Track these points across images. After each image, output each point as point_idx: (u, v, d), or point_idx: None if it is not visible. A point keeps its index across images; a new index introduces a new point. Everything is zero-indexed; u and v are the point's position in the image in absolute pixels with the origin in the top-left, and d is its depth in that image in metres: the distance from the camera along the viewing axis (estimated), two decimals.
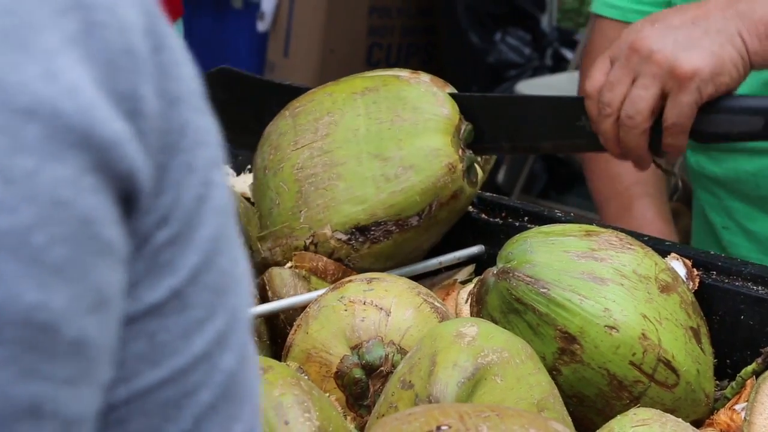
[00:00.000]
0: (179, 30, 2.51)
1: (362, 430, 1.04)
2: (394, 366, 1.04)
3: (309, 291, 1.21)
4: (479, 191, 1.33)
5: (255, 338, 1.18)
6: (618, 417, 0.98)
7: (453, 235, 1.32)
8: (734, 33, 1.18)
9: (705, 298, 1.16)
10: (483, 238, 1.35)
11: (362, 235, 1.24)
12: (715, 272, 1.22)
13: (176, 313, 0.50)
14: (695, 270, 1.20)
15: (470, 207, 1.35)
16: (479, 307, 1.10)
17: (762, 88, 1.43)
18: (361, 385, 1.05)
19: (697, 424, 1.08)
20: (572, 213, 1.39)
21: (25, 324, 0.43)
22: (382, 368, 1.05)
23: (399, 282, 1.11)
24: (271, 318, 1.21)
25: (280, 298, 1.20)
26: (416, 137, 1.24)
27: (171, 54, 0.50)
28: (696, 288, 1.18)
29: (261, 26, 5.28)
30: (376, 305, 1.07)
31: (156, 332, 0.50)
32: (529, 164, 3.93)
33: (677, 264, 1.20)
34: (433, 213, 1.24)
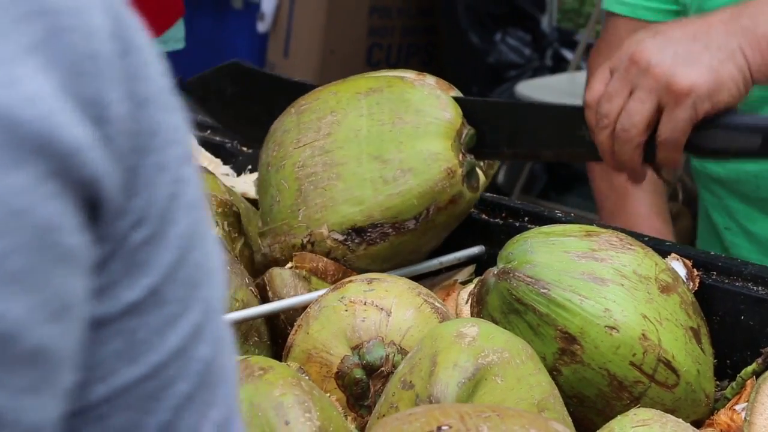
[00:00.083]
0: (180, 30, 2.50)
1: (363, 431, 1.04)
2: (395, 366, 1.04)
3: (309, 291, 1.21)
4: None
5: (256, 338, 1.18)
6: (618, 417, 0.98)
7: (453, 236, 1.32)
8: (736, 49, 1.16)
9: (705, 299, 1.17)
10: (483, 239, 1.35)
11: (359, 236, 1.24)
12: (716, 273, 1.22)
13: (153, 311, 0.51)
14: (695, 270, 1.20)
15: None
16: (480, 308, 1.10)
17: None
18: (362, 386, 1.05)
19: (698, 425, 1.08)
20: (572, 213, 1.39)
21: None
22: (383, 368, 1.05)
23: (399, 282, 1.11)
24: (272, 318, 1.21)
25: (281, 299, 1.20)
26: (417, 140, 1.23)
27: (139, 55, 0.50)
28: (696, 288, 1.18)
29: (261, 27, 5.28)
30: (377, 305, 1.07)
31: (134, 330, 0.50)
32: (529, 165, 3.94)
33: (677, 264, 1.20)
34: (431, 217, 1.24)
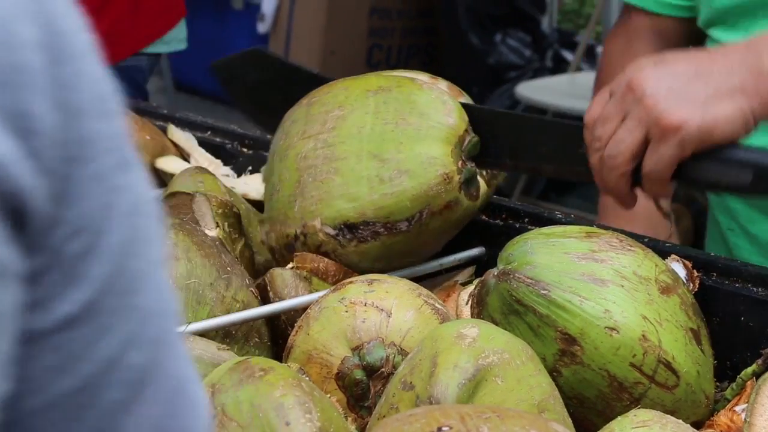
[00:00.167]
0: (182, 31, 2.50)
1: (363, 431, 1.04)
2: (395, 367, 1.04)
3: (310, 292, 1.22)
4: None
5: (256, 339, 1.18)
6: (618, 418, 0.98)
7: (454, 237, 1.32)
8: (737, 87, 1.13)
9: (705, 300, 1.17)
10: (483, 240, 1.35)
11: (350, 233, 1.24)
12: (716, 274, 1.22)
13: (87, 323, 0.51)
14: (695, 271, 1.20)
15: None
16: (480, 309, 1.10)
17: None
18: (362, 387, 1.06)
19: (698, 426, 1.08)
20: (572, 214, 1.39)
21: None
22: (383, 369, 1.05)
23: (400, 283, 1.12)
24: (273, 319, 1.21)
25: (282, 299, 1.20)
26: (417, 143, 1.24)
27: (73, 64, 0.50)
28: (696, 289, 1.18)
29: (261, 27, 5.28)
30: (377, 306, 1.08)
31: (68, 343, 0.50)
32: None
33: (677, 265, 1.20)
34: (424, 221, 1.24)
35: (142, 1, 2.38)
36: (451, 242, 1.32)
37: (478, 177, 1.28)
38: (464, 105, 1.28)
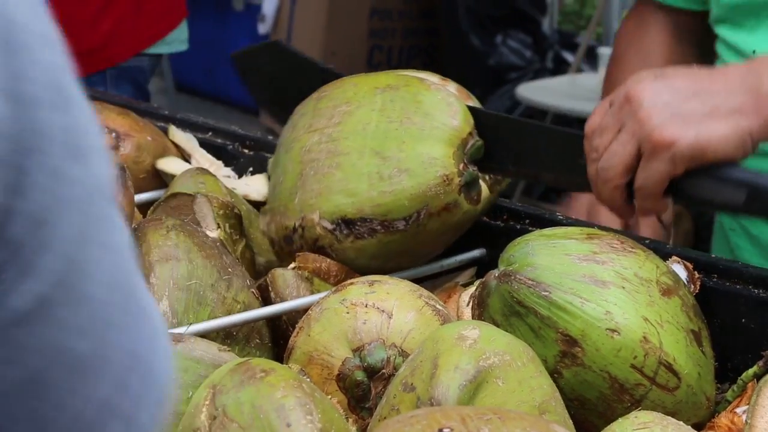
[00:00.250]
0: (184, 32, 2.51)
1: None
2: (396, 368, 1.04)
3: (311, 292, 1.22)
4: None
5: (257, 340, 1.18)
6: (619, 420, 0.98)
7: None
8: (735, 108, 1.11)
9: (706, 301, 1.17)
10: (484, 241, 1.35)
11: (347, 228, 1.24)
12: (717, 275, 1.22)
13: (39, 315, 0.51)
14: (696, 273, 1.20)
15: None
16: (481, 310, 1.10)
17: None
18: (363, 388, 1.06)
19: (699, 428, 1.08)
20: (573, 216, 1.39)
21: None
22: (384, 371, 1.05)
23: (401, 285, 1.12)
24: (274, 320, 1.21)
25: (283, 299, 1.21)
26: (419, 142, 1.24)
27: (26, 55, 0.49)
28: (697, 291, 1.18)
29: (262, 28, 5.28)
30: (378, 308, 1.08)
31: (18, 336, 0.50)
32: None
33: (678, 267, 1.20)
34: (422, 221, 1.24)
35: (145, 2, 2.38)
36: (452, 243, 1.32)
37: (481, 181, 1.27)
38: (471, 108, 1.28)
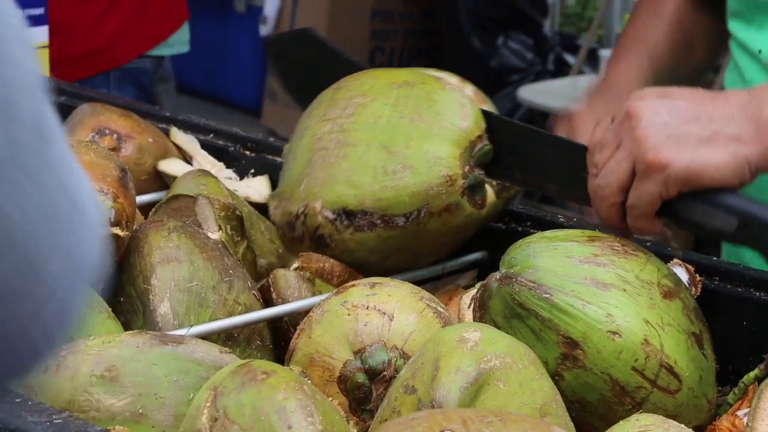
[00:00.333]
0: (186, 34, 2.51)
1: None
2: (397, 371, 1.04)
3: (313, 294, 1.22)
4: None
5: (258, 342, 1.19)
6: (620, 423, 0.98)
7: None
8: (735, 135, 1.09)
9: (707, 304, 1.16)
10: (486, 243, 1.35)
11: (348, 219, 1.25)
12: (718, 278, 1.22)
13: None
14: (698, 275, 1.20)
15: None
16: (482, 312, 1.10)
17: None
18: (364, 390, 1.06)
19: (700, 430, 1.08)
20: (575, 218, 1.38)
21: None
22: (385, 373, 1.05)
23: (402, 287, 1.12)
24: (275, 321, 1.21)
25: (285, 300, 1.21)
26: (426, 140, 1.24)
27: None
28: (698, 293, 1.18)
29: (263, 30, 5.28)
30: (379, 310, 1.08)
31: None
32: None
33: (680, 269, 1.20)
34: (422, 219, 1.24)
35: (147, 4, 2.39)
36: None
37: (487, 186, 1.27)
38: (485, 112, 1.28)
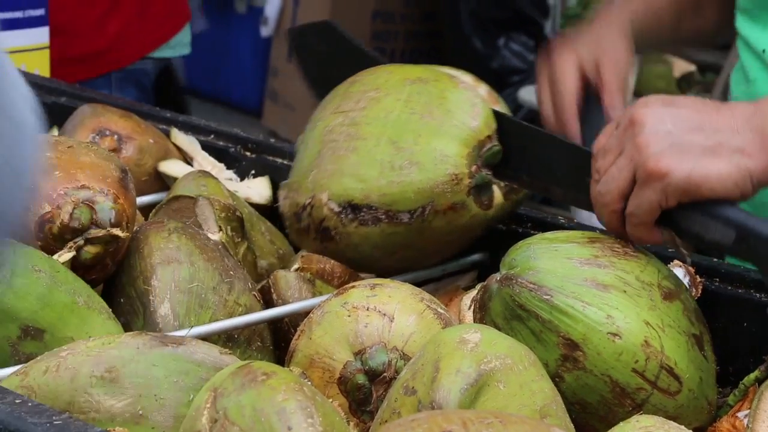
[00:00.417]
0: (187, 35, 2.52)
1: None
2: (397, 372, 1.04)
3: (314, 294, 1.22)
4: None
5: (258, 343, 1.19)
6: (620, 424, 0.98)
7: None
8: (737, 148, 1.08)
9: (708, 305, 1.17)
10: (486, 245, 1.35)
11: (353, 213, 1.25)
12: (718, 279, 1.22)
13: None
14: (698, 277, 1.20)
15: None
16: (482, 314, 1.10)
17: None
18: (364, 391, 1.06)
19: None
20: (575, 220, 1.39)
21: None
22: (385, 374, 1.05)
23: (402, 288, 1.12)
24: (275, 322, 1.21)
25: (285, 301, 1.21)
26: (435, 138, 1.24)
27: None
28: (699, 295, 1.18)
29: (264, 31, 5.28)
30: (380, 311, 1.08)
31: None
32: None
33: (680, 271, 1.20)
34: (426, 217, 1.24)
35: (149, 6, 2.39)
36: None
37: (494, 187, 1.27)
38: (497, 113, 1.28)
